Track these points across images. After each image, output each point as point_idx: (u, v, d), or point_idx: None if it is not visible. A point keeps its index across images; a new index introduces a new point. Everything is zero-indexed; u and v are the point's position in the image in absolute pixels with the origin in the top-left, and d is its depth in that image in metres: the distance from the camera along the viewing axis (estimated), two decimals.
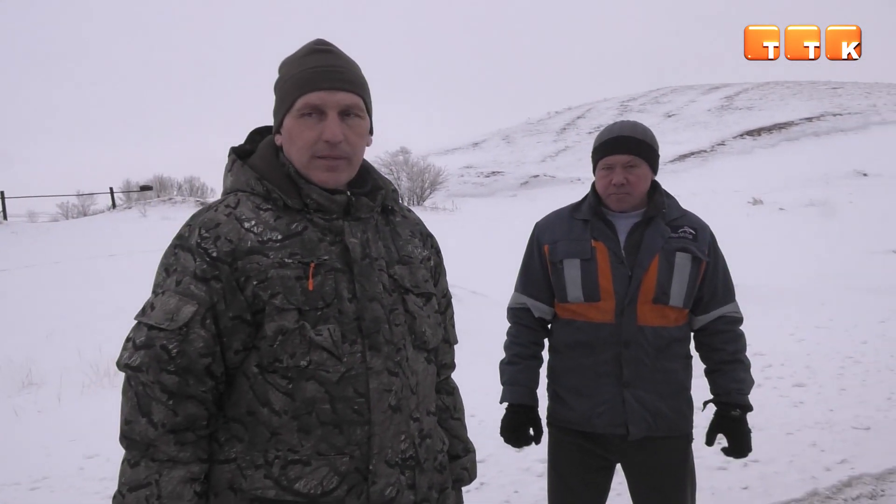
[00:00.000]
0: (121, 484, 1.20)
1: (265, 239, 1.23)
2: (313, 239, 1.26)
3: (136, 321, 1.22)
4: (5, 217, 24.33)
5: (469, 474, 1.57)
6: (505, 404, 2.15)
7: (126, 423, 1.20)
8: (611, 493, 2.17)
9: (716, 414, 2.07)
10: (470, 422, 2.02)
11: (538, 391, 2.16)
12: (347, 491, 1.23)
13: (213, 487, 1.23)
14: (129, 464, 1.20)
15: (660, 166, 2.13)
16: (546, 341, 2.20)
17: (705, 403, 2.10)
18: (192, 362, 1.19)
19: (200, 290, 1.20)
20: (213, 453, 1.25)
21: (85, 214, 27.96)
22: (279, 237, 1.24)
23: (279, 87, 1.32)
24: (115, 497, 1.20)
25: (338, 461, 1.23)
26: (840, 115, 40.33)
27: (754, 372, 2.13)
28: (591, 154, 2.14)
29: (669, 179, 31.03)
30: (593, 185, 2.11)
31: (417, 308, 1.35)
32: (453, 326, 1.56)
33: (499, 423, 2.15)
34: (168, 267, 1.24)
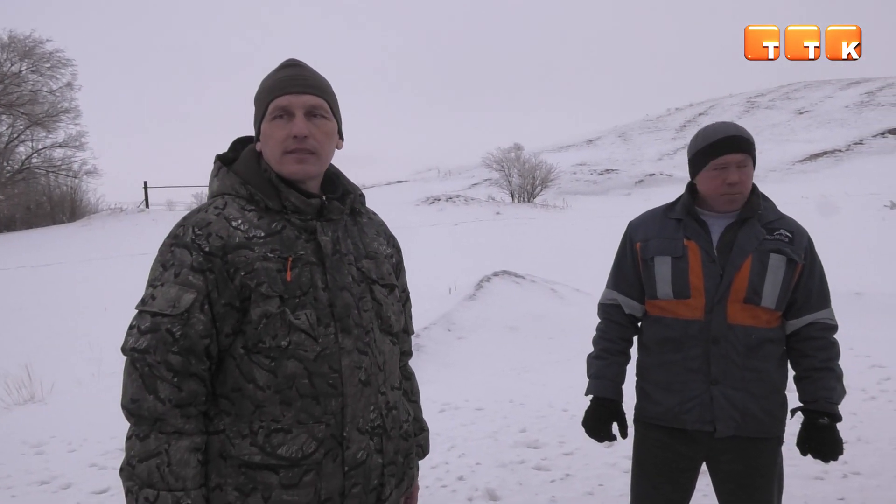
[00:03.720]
0: (129, 457, 1.32)
1: (251, 235, 1.39)
2: (291, 237, 1.42)
3: (137, 311, 1.37)
4: (147, 205, 26.63)
5: (423, 450, 1.75)
6: (590, 397, 2.18)
7: (132, 401, 1.32)
8: (696, 494, 2.17)
9: (803, 422, 2.03)
10: (562, 416, 2.07)
11: (625, 388, 2.17)
12: (325, 454, 1.39)
13: (206, 455, 1.37)
14: (138, 438, 1.32)
15: (789, 166, 2.10)
16: (635, 339, 2.22)
17: (793, 411, 2.07)
18: (194, 343, 1.33)
19: (198, 280, 1.35)
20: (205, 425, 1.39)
21: None
22: (262, 234, 1.40)
23: (256, 99, 1.51)
24: (123, 469, 1.33)
25: (316, 428, 1.38)
26: None
27: (870, 383, 2.06)
28: (692, 155, 2.10)
29: (799, 180, 29.15)
30: (690, 186, 2.13)
31: (383, 296, 1.52)
32: (410, 318, 1.74)
33: None
34: (165, 262, 1.38)
